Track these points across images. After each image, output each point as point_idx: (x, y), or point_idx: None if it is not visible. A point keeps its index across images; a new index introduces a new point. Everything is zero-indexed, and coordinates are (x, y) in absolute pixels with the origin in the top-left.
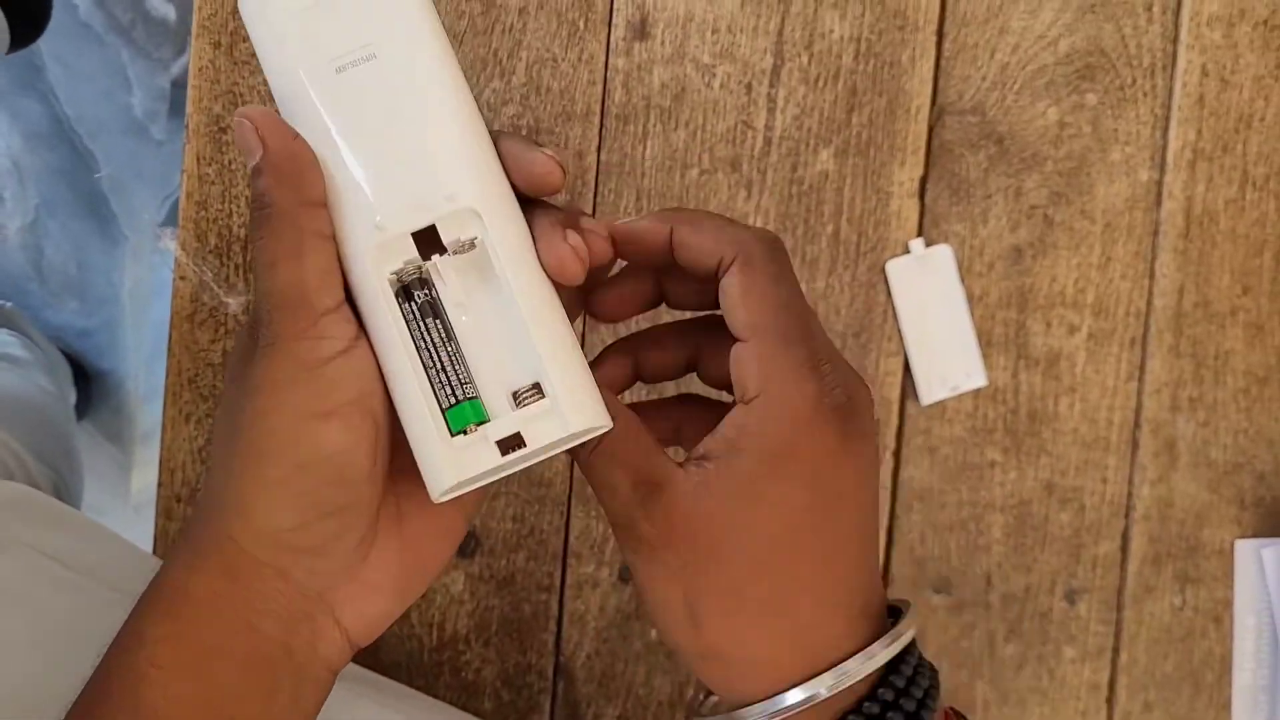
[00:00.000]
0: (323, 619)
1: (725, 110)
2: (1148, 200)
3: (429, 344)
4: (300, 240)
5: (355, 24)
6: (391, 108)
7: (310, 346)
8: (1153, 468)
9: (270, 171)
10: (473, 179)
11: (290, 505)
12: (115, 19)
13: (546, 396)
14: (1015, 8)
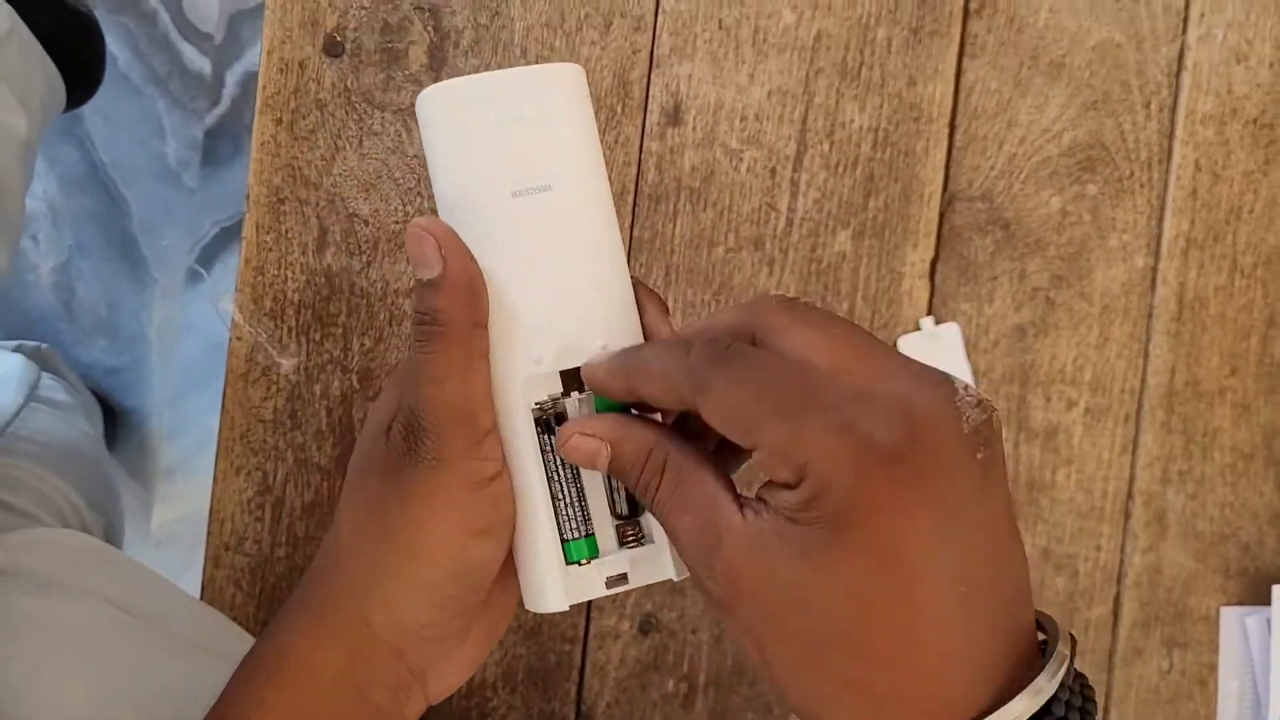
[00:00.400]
0: (417, 688)
1: (751, 192)
2: (1143, 285)
3: (560, 477)
4: (469, 361)
5: (536, 151)
6: (559, 244)
7: (476, 467)
8: (1144, 537)
9: (448, 291)
10: (625, 333)
11: (434, 606)
12: (153, 71)
13: (654, 543)
14: (1023, 102)
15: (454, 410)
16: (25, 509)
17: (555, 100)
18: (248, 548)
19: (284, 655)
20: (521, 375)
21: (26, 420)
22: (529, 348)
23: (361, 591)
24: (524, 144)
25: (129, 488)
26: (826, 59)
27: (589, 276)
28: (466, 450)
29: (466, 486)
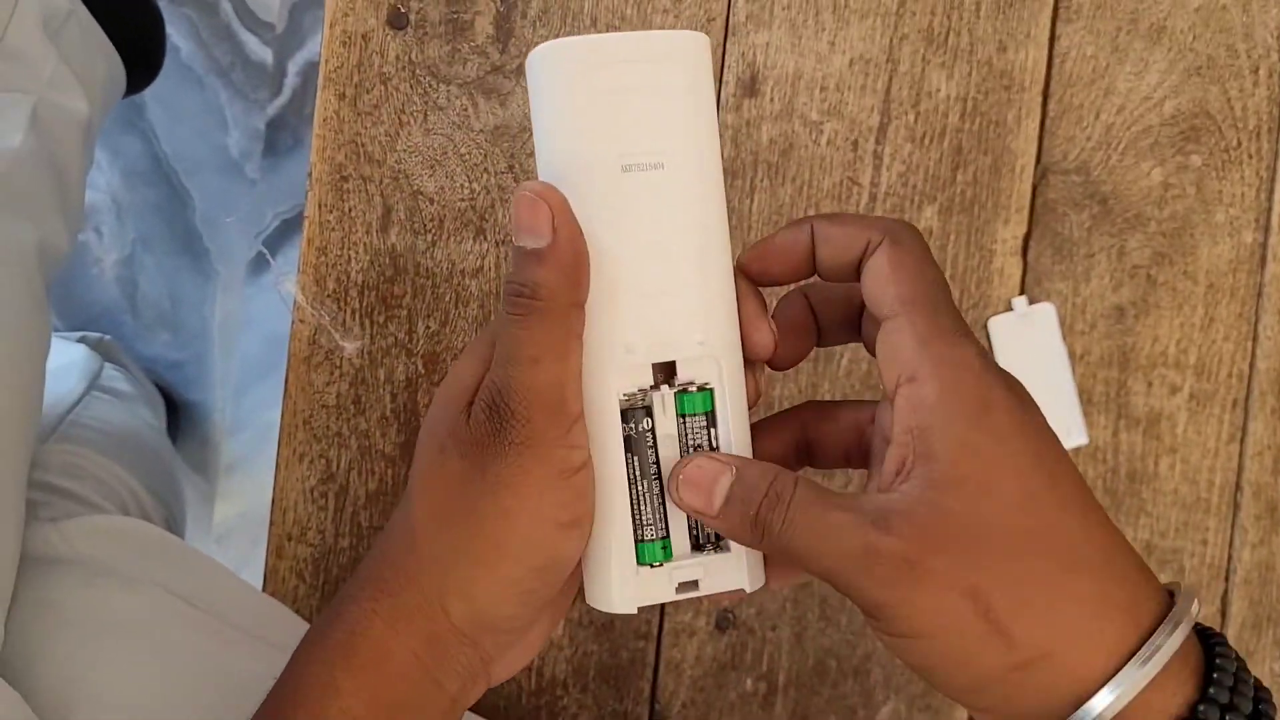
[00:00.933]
0: (483, 674)
1: (832, 166)
2: (1251, 262)
3: (639, 474)
4: (567, 341)
5: (652, 124)
6: (666, 227)
7: (565, 455)
8: (1253, 531)
9: (555, 264)
10: (724, 328)
11: (515, 600)
12: (216, 61)
13: (731, 551)
14: (1121, 69)
15: (547, 393)
16: (86, 496)
17: (676, 71)
18: (310, 538)
19: (356, 636)
20: (613, 363)
21: (88, 408)
22: (623, 335)
23: (440, 578)
24: (640, 115)
25: (191, 482)
26: (911, 25)
27: (693, 266)
28: (557, 437)
29: (555, 476)
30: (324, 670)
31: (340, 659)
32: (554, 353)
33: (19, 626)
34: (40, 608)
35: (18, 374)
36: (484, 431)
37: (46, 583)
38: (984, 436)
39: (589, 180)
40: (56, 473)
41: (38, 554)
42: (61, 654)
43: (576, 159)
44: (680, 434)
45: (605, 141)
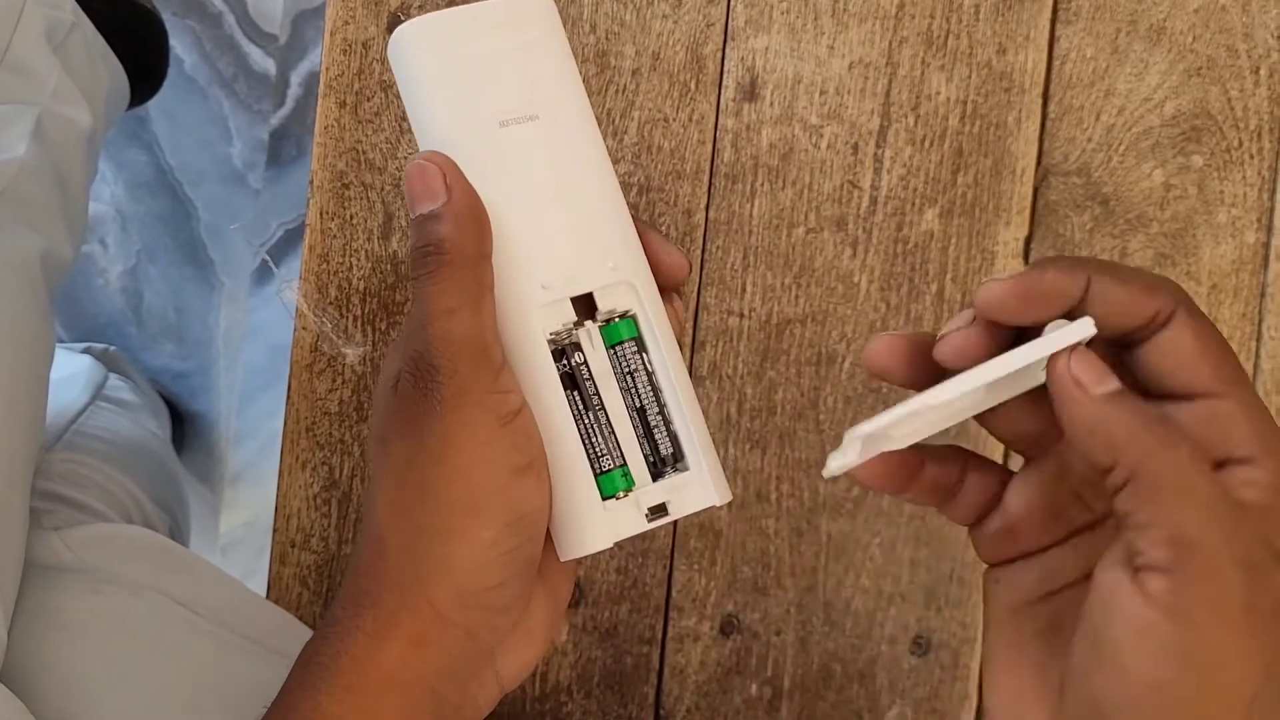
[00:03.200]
0: (487, 673)
1: (832, 170)
2: (1255, 262)
3: (584, 408)
4: (479, 291)
5: (518, 81)
6: (555, 171)
7: (500, 400)
8: None
9: (453, 219)
10: (631, 254)
11: (498, 564)
12: (219, 73)
13: (691, 469)
14: (1121, 70)
15: (468, 343)
16: (91, 505)
17: (531, 31)
18: (314, 544)
19: (339, 657)
20: (533, 304)
21: (93, 418)
22: (536, 275)
23: (413, 568)
24: (506, 75)
25: (196, 492)
26: (911, 28)
27: (586, 201)
28: (487, 384)
29: (494, 422)
30: (308, 697)
31: (324, 683)
32: (468, 303)
33: (23, 634)
34: (44, 615)
35: (21, 383)
36: (413, 398)
37: (50, 590)
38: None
39: (470, 141)
40: (61, 481)
41: (42, 562)
42: (65, 662)
43: (455, 125)
44: (613, 364)
45: (479, 104)
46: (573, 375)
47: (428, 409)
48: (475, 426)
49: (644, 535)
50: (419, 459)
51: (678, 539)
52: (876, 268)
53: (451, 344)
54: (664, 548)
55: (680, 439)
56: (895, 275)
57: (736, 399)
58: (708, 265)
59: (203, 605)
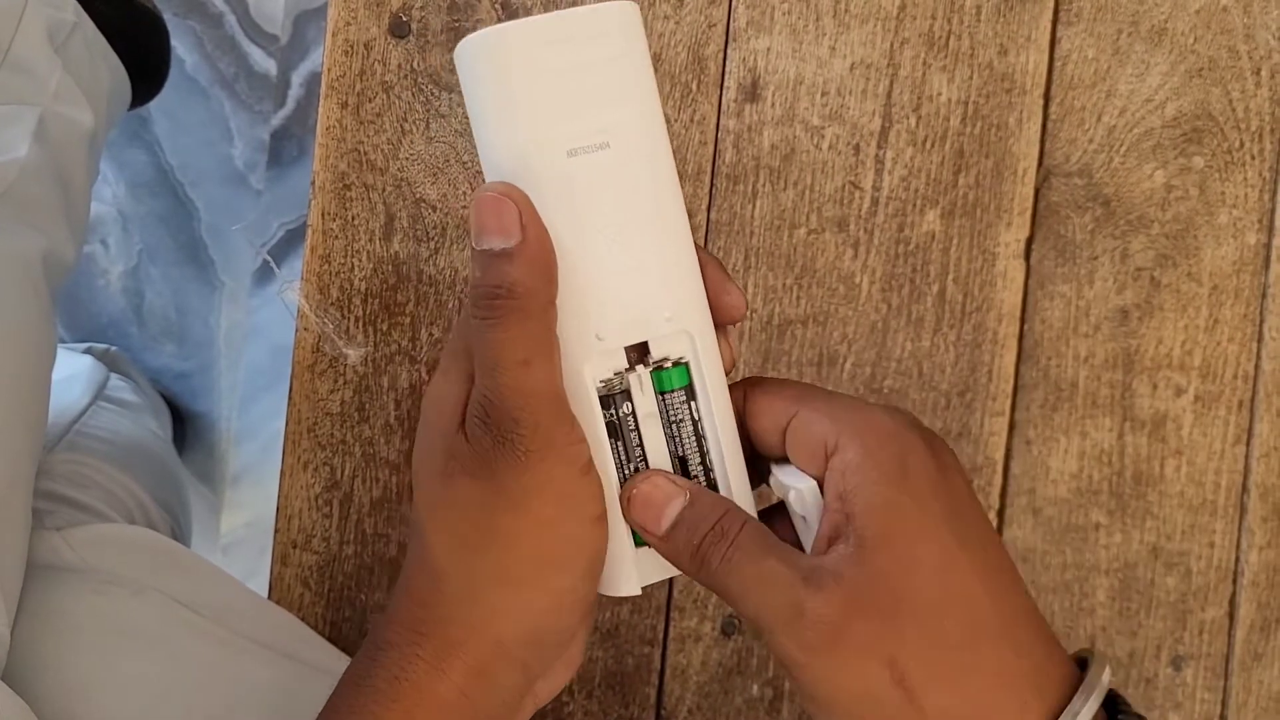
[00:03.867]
0: (529, 696)
1: (833, 171)
2: (1256, 263)
3: (625, 459)
4: (551, 340)
5: (592, 103)
6: (621, 209)
7: (579, 451)
8: (1260, 533)
9: (528, 262)
10: (691, 300)
11: (572, 609)
12: (220, 73)
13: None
14: (1122, 71)
15: (545, 394)
16: (92, 506)
17: (609, 45)
18: (315, 545)
19: (399, 681)
20: (585, 353)
21: (94, 418)
22: (593, 323)
23: (482, 607)
24: (578, 96)
25: (198, 493)
26: (912, 29)
27: (653, 244)
28: (566, 435)
29: (576, 473)
30: (367, 718)
31: (379, 707)
32: (542, 353)
33: (25, 635)
34: (46, 616)
35: (23, 384)
36: (488, 446)
37: (53, 591)
38: (905, 498)
39: (537, 171)
40: (63, 482)
41: (44, 562)
42: (68, 662)
43: (521, 151)
44: (661, 411)
45: (548, 128)
46: (618, 425)
47: (508, 460)
48: (559, 479)
49: None
50: (496, 504)
51: None
52: (878, 269)
53: (529, 396)
54: None
55: (719, 488)
56: (897, 276)
57: None
58: None
59: (204, 606)
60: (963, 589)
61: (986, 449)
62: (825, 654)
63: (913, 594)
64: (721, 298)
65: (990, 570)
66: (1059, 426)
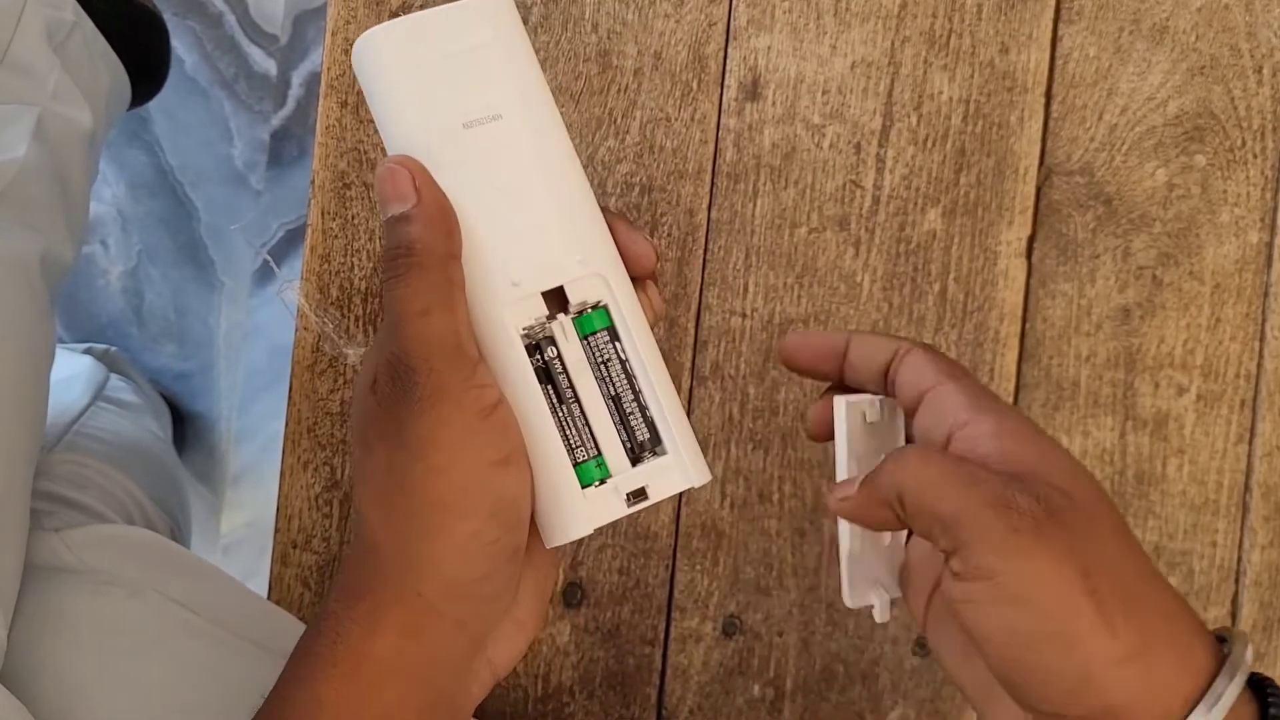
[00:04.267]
0: (479, 661)
1: (834, 169)
2: (1258, 262)
3: (558, 401)
4: (450, 290)
5: (480, 82)
6: (520, 169)
7: (477, 395)
8: (1263, 532)
9: (423, 221)
10: (601, 246)
11: (481, 555)
12: (220, 73)
13: (669, 453)
14: (1124, 70)
15: (442, 341)
16: (91, 506)
17: (488, 31)
18: (315, 545)
19: (336, 645)
20: (503, 300)
21: (94, 419)
22: (506, 272)
23: (404, 562)
24: (467, 77)
25: (198, 493)
26: (913, 27)
27: (554, 197)
28: (464, 380)
29: (472, 418)
30: (306, 687)
31: (321, 673)
32: (440, 303)
33: (23, 635)
34: (44, 617)
35: (21, 384)
36: (391, 399)
37: (51, 592)
38: (1059, 455)
39: (436, 143)
40: (62, 482)
41: (42, 563)
42: (65, 663)
43: (420, 128)
44: (587, 355)
45: (443, 107)
46: (547, 369)
47: (406, 409)
48: (453, 423)
49: (646, 535)
50: (399, 458)
51: (680, 539)
52: (879, 267)
53: (426, 344)
54: (666, 548)
55: (656, 424)
56: (898, 275)
57: (739, 399)
58: (710, 265)
59: (203, 606)
60: (1132, 543)
61: None
62: (1026, 554)
63: (1099, 524)
64: (630, 248)
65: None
66: (1061, 426)
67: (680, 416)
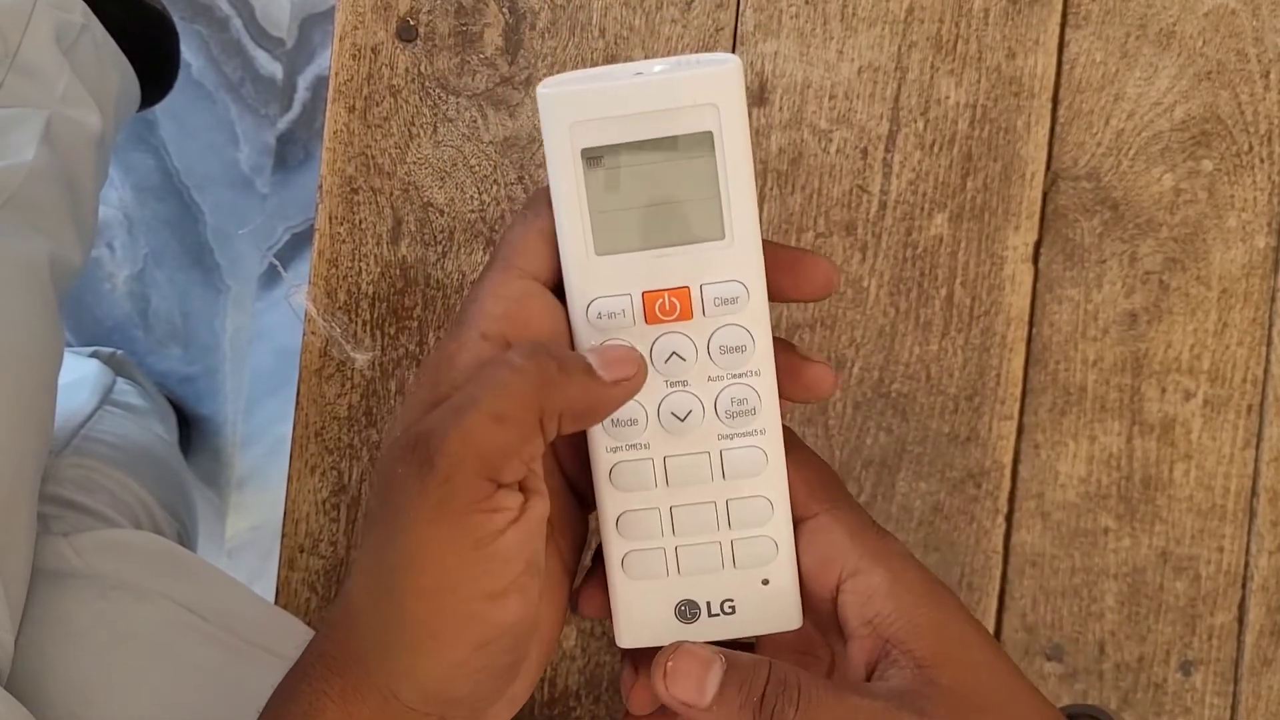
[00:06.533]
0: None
1: (841, 174)
2: (1265, 267)
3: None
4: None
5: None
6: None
7: (482, 521)
8: (1270, 537)
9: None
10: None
11: (468, 680)
12: (226, 77)
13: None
14: (1130, 75)
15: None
16: (98, 510)
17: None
18: (323, 549)
19: (312, 717)
20: None
21: (101, 422)
22: None
23: (380, 660)
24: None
25: (204, 496)
26: (920, 32)
27: None
28: (474, 502)
29: (468, 545)
30: None
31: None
32: (525, 425)
33: (30, 640)
34: (52, 622)
35: (29, 388)
36: (389, 485)
37: (58, 597)
38: (947, 616)
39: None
40: (69, 486)
41: (50, 568)
42: (72, 668)
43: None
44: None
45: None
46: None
47: (404, 509)
48: (446, 547)
49: None
50: (389, 557)
51: None
52: (885, 272)
53: (469, 446)
54: None
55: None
56: (904, 280)
57: None
58: None
59: (210, 611)
60: (1013, 688)
61: (995, 453)
62: None
63: (986, 699)
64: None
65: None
66: (1067, 431)
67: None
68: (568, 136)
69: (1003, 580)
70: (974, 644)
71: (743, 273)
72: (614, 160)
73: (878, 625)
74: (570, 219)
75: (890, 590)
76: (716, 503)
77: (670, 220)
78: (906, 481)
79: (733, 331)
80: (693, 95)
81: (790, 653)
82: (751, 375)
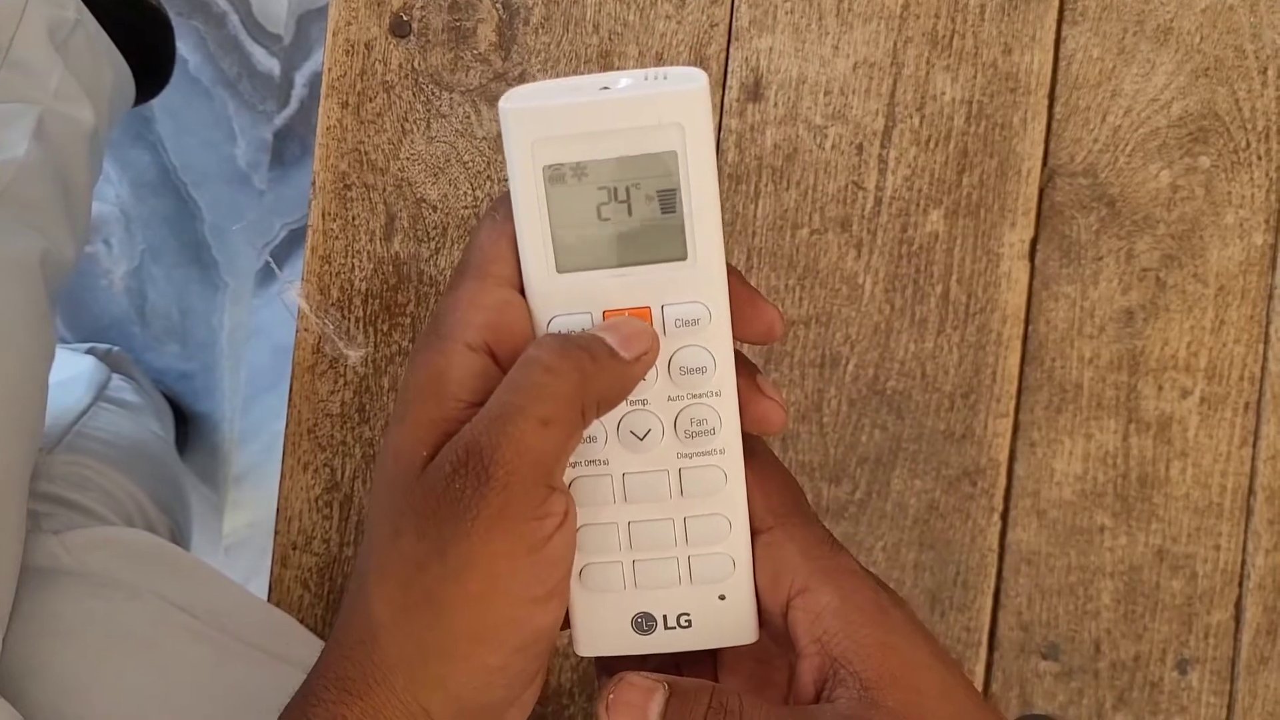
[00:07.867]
0: None
1: (836, 171)
2: (1262, 264)
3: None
4: (581, 423)
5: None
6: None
7: (536, 527)
8: (1267, 535)
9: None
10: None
11: (502, 685)
12: (223, 73)
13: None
14: (1128, 71)
15: (540, 460)
16: (91, 508)
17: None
18: (315, 547)
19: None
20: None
21: (95, 419)
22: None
23: (411, 676)
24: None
25: (200, 493)
26: (915, 28)
27: None
28: (531, 509)
29: (524, 552)
30: None
31: None
32: (569, 423)
33: (19, 639)
34: (41, 620)
35: (19, 386)
36: (442, 498)
37: (48, 594)
38: (894, 636)
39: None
40: (62, 483)
41: (40, 565)
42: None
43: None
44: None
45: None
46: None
47: (457, 520)
48: (502, 554)
49: None
50: (433, 570)
51: None
52: (881, 269)
53: (522, 454)
54: None
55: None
56: (900, 277)
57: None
58: None
59: (201, 609)
60: (964, 708)
61: (990, 451)
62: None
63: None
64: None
65: (970, 686)
66: (1063, 428)
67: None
68: (530, 153)
69: (998, 578)
70: (923, 665)
71: (705, 294)
72: (577, 178)
73: (826, 644)
74: (532, 236)
75: (839, 609)
76: (674, 519)
77: (633, 239)
78: (902, 479)
79: (693, 352)
80: (658, 115)
81: (751, 662)
82: (712, 396)
